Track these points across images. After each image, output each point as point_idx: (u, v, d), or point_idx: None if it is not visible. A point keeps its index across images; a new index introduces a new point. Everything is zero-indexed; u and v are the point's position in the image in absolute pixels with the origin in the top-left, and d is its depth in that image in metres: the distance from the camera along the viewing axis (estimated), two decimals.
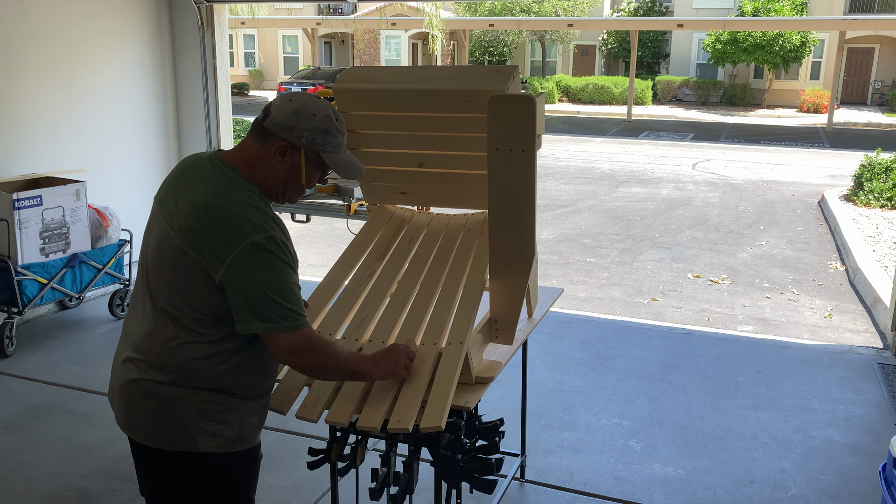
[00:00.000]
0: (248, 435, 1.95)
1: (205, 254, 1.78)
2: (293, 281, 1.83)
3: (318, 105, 1.89)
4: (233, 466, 1.94)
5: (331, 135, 1.90)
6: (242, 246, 1.76)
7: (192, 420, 1.86)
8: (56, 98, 5.31)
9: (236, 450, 1.93)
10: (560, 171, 13.59)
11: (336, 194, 4.77)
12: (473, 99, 2.38)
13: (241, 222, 1.78)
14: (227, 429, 1.90)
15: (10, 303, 4.57)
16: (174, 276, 1.82)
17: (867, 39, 28.00)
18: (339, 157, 1.93)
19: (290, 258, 1.84)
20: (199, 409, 1.87)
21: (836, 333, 5.56)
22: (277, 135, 1.86)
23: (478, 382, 2.30)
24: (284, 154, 1.87)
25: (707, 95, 28.80)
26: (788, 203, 10.80)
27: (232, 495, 1.99)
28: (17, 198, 4.46)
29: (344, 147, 1.96)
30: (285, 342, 1.80)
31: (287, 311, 1.79)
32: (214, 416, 1.88)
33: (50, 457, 3.50)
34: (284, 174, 1.89)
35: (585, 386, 4.34)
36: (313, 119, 1.87)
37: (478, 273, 2.46)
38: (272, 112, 1.89)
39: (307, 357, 1.85)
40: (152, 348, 1.87)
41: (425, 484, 3.11)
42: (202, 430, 1.87)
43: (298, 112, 1.86)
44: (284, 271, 1.80)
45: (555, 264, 7.43)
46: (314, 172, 1.93)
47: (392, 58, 31.67)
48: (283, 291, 1.79)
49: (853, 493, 3.31)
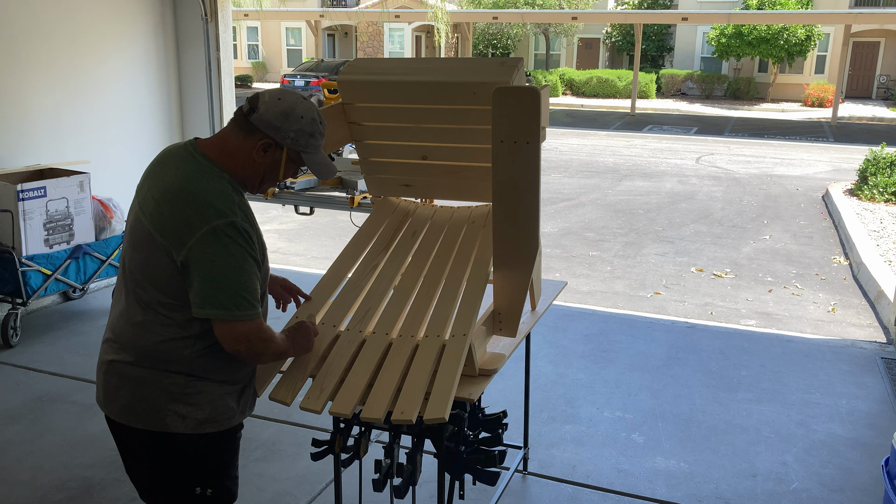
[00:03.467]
0: (222, 417, 1.98)
1: (169, 236, 1.82)
2: (251, 270, 1.86)
3: (305, 107, 1.95)
4: (205, 447, 1.99)
5: (314, 137, 1.97)
6: (203, 230, 1.80)
7: (161, 401, 1.92)
8: (60, 90, 5.31)
9: (207, 431, 1.96)
10: (563, 164, 13.57)
11: (339, 187, 4.77)
12: (478, 91, 2.38)
13: (205, 207, 1.82)
14: (197, 410, 1.94)
15: (15, 294, 4.58)
16: (143, 259, 1.88)
17: (872, 33, 27.87)
18: (317, 157, 2.01)
19: (251, 247, 1.87)
20: (167, 390, 1.91)
21: (840, 328, 5.56)
22: (263, 131, 1.90)
23: (481, 375, 2.30)
24: (267, 150, 1.92)
25: (711, 89, 28.71)
26: (792, 197, 10.78)
27: (206, 474, 2.03)
28: (21, 189, 4.47)
29: (321, 148, 2.03)
30: (237, 331, 1.84)
31: (240, 300, 1.82)
32: (183, 399, 1.92)
33: (54, 447, 3.51)
34: (263, 169, 1.95)
35: (588, 379, 4.34)
36: (301, 121, 1.92)
37: (481, 265, 2.46)
38: (260, 108, 1.92)
39: (255, 345, 1.88)
40: (124, 330, 1.94)
41: (428, 475, 3.12)
42: (171, 411, 1.92)
43: (287, 113, 1.91)
44: (243, 259, 1.84)
45: (558, 258, 7.42)
46: (291, 169, 2.01)
47: (395, 50, 31.60)
48: (238, 279, 1.82)
49: (856, 487, 3.31)
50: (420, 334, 2.24)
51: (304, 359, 2.20)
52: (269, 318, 2.07)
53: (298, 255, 7.40)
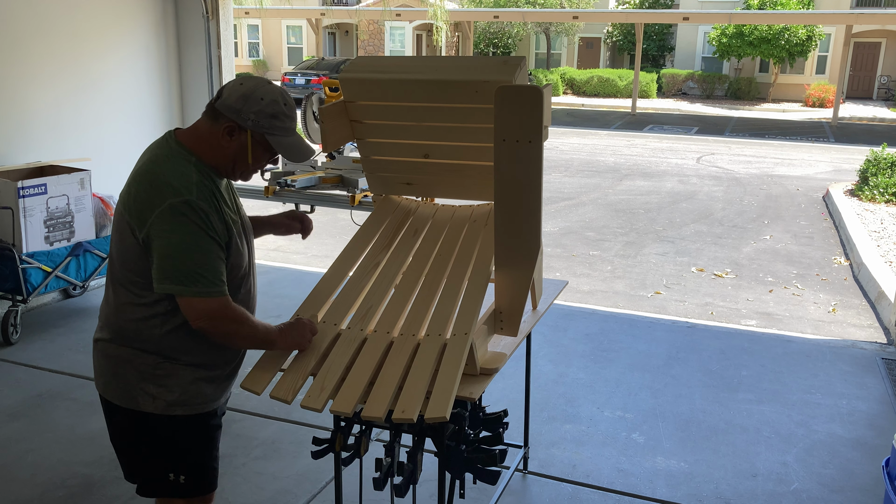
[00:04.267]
0: (193, 401, 2.05)
1: (134, 216, 1.93)
2: (207, 248, 1.91)
3: (267, 90, 2.00)
4: (175, 430, 2.06)
5: (277, 119, 1.99)
6: (161, 207, 1.88)
7: (133, 380, 2.02)
8: (61, 87, 5.30)
9: (176, 413, 2.04)
10: (564, 163, 13.56)
11: (340, 185, 4.76)
12: (480, 89, 2.37)
13: (163, 185, 1.91)
14: (167, 392, 2.02)
15: (15, 291, 4.58)
16: (118, 240, 1.99)
17: (874, 34, 27.86)
18: (286, 140, 2.03)
19: (208, 225, 1.92)
20: (138, 370, 2.01)
21: (840, 328, 5.56)
22: (226, 115, 1.97)
23: (482, 374, 2.30)
24: (232, 134, 1.98)
25: (712, 89, 28.70)
26: (793, 197, 10.77)
27: (177, 459, 2.10)
28: (22, 186, 4.46)
29: (292, 131, 2.06)
30: (197, 307, 1.90)
31: (197, 276, 1.88)
32: (154, 379, 2.01)
33: (54, 444, 3.51)
34: (232, 153, 2.00)
35: (588, 378, 4.34)
36: (260, 103, 1.97)
37: (483, 264, 2.46)
38: (223, 93, 2.00)
39: (221, 324, 1.94)
40: (104, 310, 2.08)
41: (429, 474, 3.12)
42: (142, 390, 2.02)
43: (247, 96, 1.97)
44: (198, 236, 1.89)
45: (558, 257, 7.42)
46: (261, 154, 2.04)
47: (396, 49, 31.58)
48: (193, 255, 1.89)
49: (856, 487, 3.31)
50: (421, 333, 2.23)
51: (305, 357, 2.19)
52: (265, 318, 2.08)
53: (299, 254, 7.40)
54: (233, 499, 3.12)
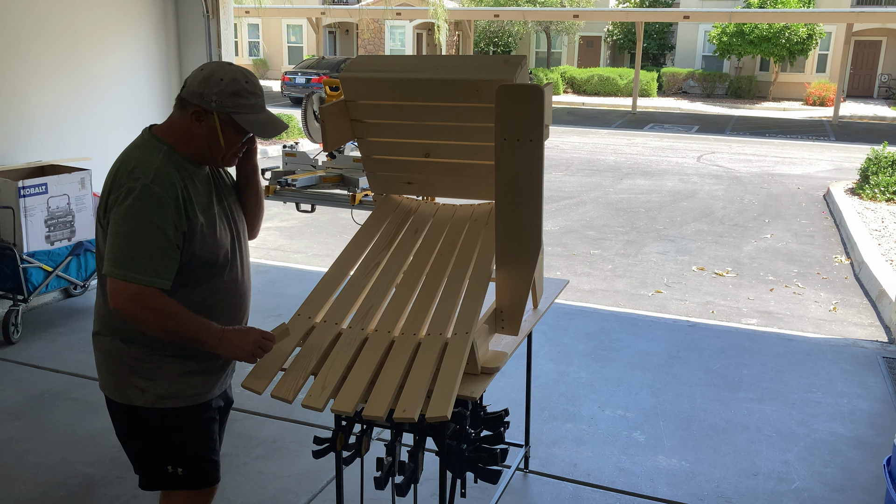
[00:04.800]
0: (182, 394, 2.06)
1: (101, 204, 2.00)
2: (150, 235, 1.90)
3: (226, 70, 2.01)
4: (166, 423, 2.09)
5: (240, 96, 2.00)
6: (120, 191, 1.94)
7: (123, 374, 2.05)
8: (61, 86, 5.30)
9: (166, 406, 2.06)
10: (565, 162, 13.56)
11: (341, 184, 4.76)
12: (481, 88, 2.37)
13: (125, 172, 1.96)
14: (156, 385, 2.04)
15: (16, 290, 4.58)
16: (99, 232, 2.04)
17: (874, 32, 27.84)
18: (253, 117, 2.03)
19: (158, 213, 1.91)
20: (128, 364, 2.04)
21: (841, 327, 5.55)
22: (191, 102, 2.00)
23: (483, 373, 2.30)
24: (200, 119, 2.00)
25: (712, 88, 28.68)
26: (793, 196, 10.77)
27: (173, 452, 2.12)
28: (22, 185, 4.46)
29: (259, 108, 2.05)
30: (117, 288, 1.89)
31: (129, 260, 1.88)
32: (142, 372, 2.04)
33: (55, 444, 3.51)
34: (205, 138, 2.02)
35: (589, 377, 4.34)
36: (220, 83, 1.98)
37: (484, 263, 2.46)
38: (186, 81, 2.03)
39: (140, 313, 1.90)
40: (96, 304, 2.13)
41: (430, 473, 3.12)
42: (132, 384, 2.05)
43: (207, 78, 1.99)
44: (144, 223, 1.89)
45: (559, 256, 7.42)
46: (232, 135, 2.03)
47: (396, 48, 31.57)
48: (136, 239, 1.89)
49: (857, 486, 3.31)
50: (422, 332, 2.23)
51: (306, 356, 2.19)
52: (266, 317, 2.07)
53: (300, 253, 7.40)
54: (234, 498, 3.12)
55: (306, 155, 4.97)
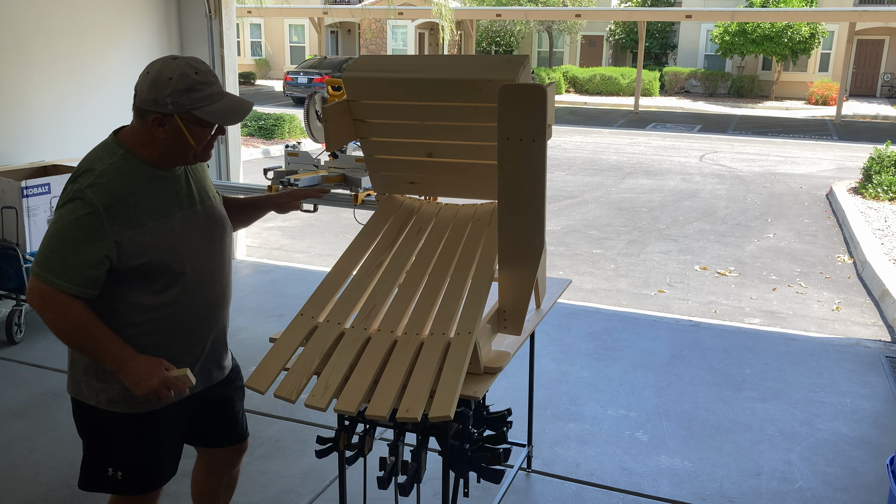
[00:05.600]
0: (134, 399, 2.05)
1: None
2: (74, 240, 1.87)
3: (172, 67, 1.93)
4: (115, 426, 2.08)
5: (195, 90, 1.93)
6: (63, 194, 1.93)
7: (81, 372, 2.08)
8: (63, 86, 5.31)
9: (116, 410, 2.06)
10: (567, 162, 13.55)
11: (343, 184, 4.76)
12: (484, 88, 2.37)
13: (74, 174, 1.94)
14: (108, 388, 2.04)
15: (19, 290, 4.59)
16: None
17: (877, 31, 27.80)
18: (214, 108, 1.95)
19: (87, 220, 1.86)
20: (84, 362, 2.06)
21: (844, 326, 5.55)
22: (148, 110, 1.93)
23: (486, 373, 2.30)
24: (163, 124, 1.94)
25: (715, 87, 28.66)
26: (796, 195, 10.75)
27: (115, 452, 2.11)
28: (25, 185, 4.47)
29: (217, 96, 1.97)
30: (33, 288, 1.91)
31: (48, 262, 1.88)
32: (96, 374, 2.05)
33: (58, 444, 3.51)
34: (172, 142, 1.96)
35: (592, 377, 4.34)
36: (170, 83, 1.91)
37: (486, 263, 2.46)
38: (136, 91, 1.96)
39: (47, 315, 1.91)
40: None
41: (433, 473, 3.12)
42: (87, 383, 2.07)
43: (154, 82, 1.92)
44: (71, 226, 1.87)
45: (561, 255, 7.42)
46: (198, 130, 1.97)
47: (398, 48, 31.57)
48: (57, 242, 1.88)
49: (860, 486, 3.30)
50: (425, 332, 2.23)
51: (309, 356, 2.19)
52: (268, 317, 2.07)
53: (302, 252, 7.40)
54: (236, 497, 3.12)
55: (309, 154, 4.97)
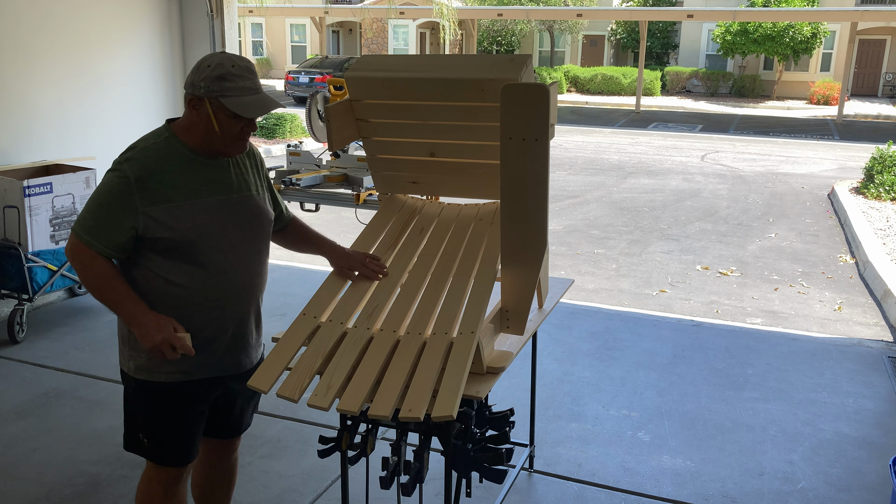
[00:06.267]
0: (156, 369, 2.18)
1: None
2: (107, 203, 2.05)
3: (215, 57, 2.10)
4: (143, 394, 2.22)
5: (225, 79, 2.06)
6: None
7: (121, 343, 2.23)
8: (65, 86, 5.31)
9: (141, 378, 2.19)
10: (568, 161, 13.55)
11: (345, 183, 4.76)
12: (486, 88, 2.37)
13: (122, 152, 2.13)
14: (137, 356, 2.18)
15: (21, 290, 4.59)
16: None
17: (879, 31, 27.77)
18: (241, 100, 2.08)
19: (119, 188, 2.03)
20: (122, 333, 2.22)
21: (846, 326, 5.54)
22: (187, 91, 2.11)
23: (489, 372, 2.30)
24: (196, 107, 2.09)
25: (716, 87, 28.64)
26: (798, 195, 10.75)
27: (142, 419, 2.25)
28: (27, 185, 4.47)
29: (249, 90, 2.09)
30: (70, 240, 2.11)
31: (84, 221, 2.07)
32: (129, 343, 2.19)
33: (60, 443, 3.51)
34: (203, 126, 2.10)
35: (594, 377, 4.34)
36: (207, 70, 2.07)
37: (489, 263, 2.46)
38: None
39: (75, 264, 2.09)
40: None
41: (435, 473, 3.12)
42: (122, 352, 2.23)
43: (197, 67, 2.10)
44: (107, 193, 2.05)
45: (563, 255, 7.41)
46: (225, 119, 2.09)
47: (400, 47, 31.57)
48: (94, 205, 2.07)
49: (863, 486, 3.30)
50: (428, 332, 2.23)
51: (312, 356, 2.19)
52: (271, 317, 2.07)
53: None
54: (238, 497, 3.12)
55: (310, 154, 4.98)
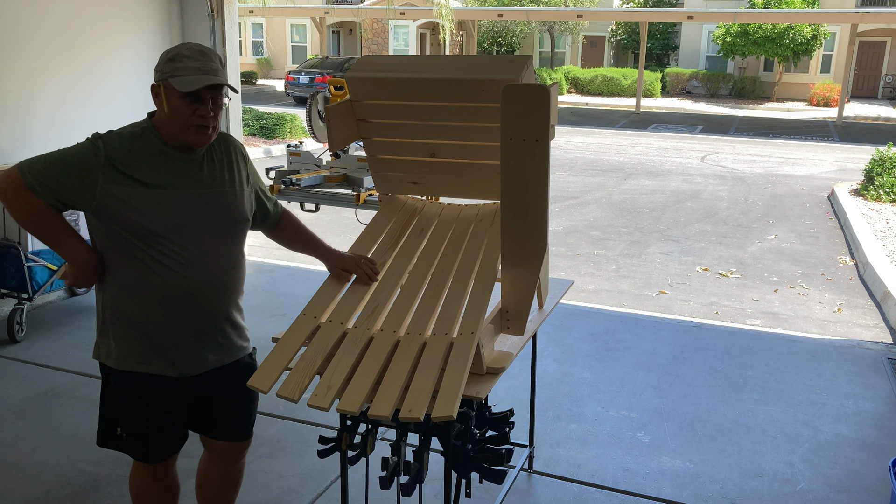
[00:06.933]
0: (124, 356, 2.19)
1: None
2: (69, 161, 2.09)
3: (177, 46, 2.13)
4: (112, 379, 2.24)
5: (176, 60, 2.08)
6: None
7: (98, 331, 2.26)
8: (65, 85, 5.31)
9: (107, 364, 2.22)
10: (568, 162, 13.55)
11: (345, 184, 4.76)
12: (487, 88, 2.37)
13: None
14: (107, 342, 2.21)
15: (20, 289, 4.59)
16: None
17: (879, 33, 27.78)
18: (187, 78, 2.07)
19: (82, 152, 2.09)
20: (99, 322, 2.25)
21: (846, 328, 5.54)
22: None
23: (489, 373, 2.30)
24: (157, 94, 2.12)
25: (716, 88, 28.65)
26: (798, 197, 10.75)
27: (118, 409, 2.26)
28: None
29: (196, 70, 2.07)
30: (6, 171, 2.11)
31: (34, 162, 2.10)
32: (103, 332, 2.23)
33: (60, 443, 3.51)
34: (164, 114, 2.12)
35: (593, 378, 4.34)
36: (164, 56, 2.11)
37: (489, 263, 2.46)
38: None
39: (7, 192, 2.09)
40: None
41: (435, 473, 3.12)
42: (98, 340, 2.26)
43: (160, 57, 2.13)
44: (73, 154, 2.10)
45: (563, 256, 7.41)
46: (176, 101, 2.08)
47: (400, 48, 31.57)
48: (52, 156, 2.11)
49: (862, 487, 3.30)
50: (428, 332, 2.23)
51: (312, 356, 2.19)
52: (270, 317, 2.07)
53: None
54: (238, 497, 3.12)
55: (310, 154, 4.97)
